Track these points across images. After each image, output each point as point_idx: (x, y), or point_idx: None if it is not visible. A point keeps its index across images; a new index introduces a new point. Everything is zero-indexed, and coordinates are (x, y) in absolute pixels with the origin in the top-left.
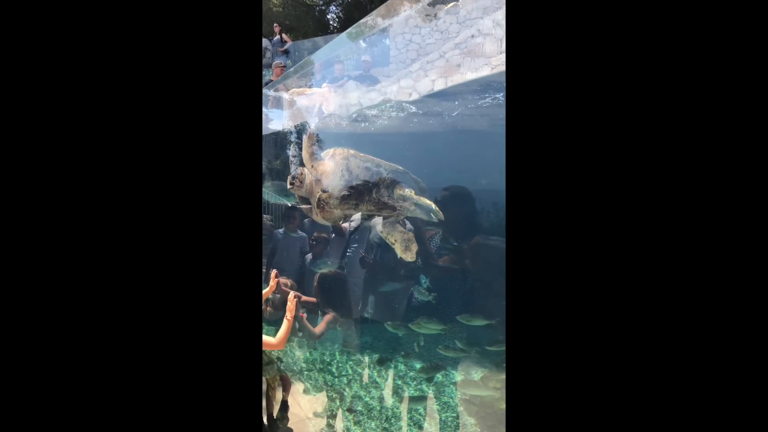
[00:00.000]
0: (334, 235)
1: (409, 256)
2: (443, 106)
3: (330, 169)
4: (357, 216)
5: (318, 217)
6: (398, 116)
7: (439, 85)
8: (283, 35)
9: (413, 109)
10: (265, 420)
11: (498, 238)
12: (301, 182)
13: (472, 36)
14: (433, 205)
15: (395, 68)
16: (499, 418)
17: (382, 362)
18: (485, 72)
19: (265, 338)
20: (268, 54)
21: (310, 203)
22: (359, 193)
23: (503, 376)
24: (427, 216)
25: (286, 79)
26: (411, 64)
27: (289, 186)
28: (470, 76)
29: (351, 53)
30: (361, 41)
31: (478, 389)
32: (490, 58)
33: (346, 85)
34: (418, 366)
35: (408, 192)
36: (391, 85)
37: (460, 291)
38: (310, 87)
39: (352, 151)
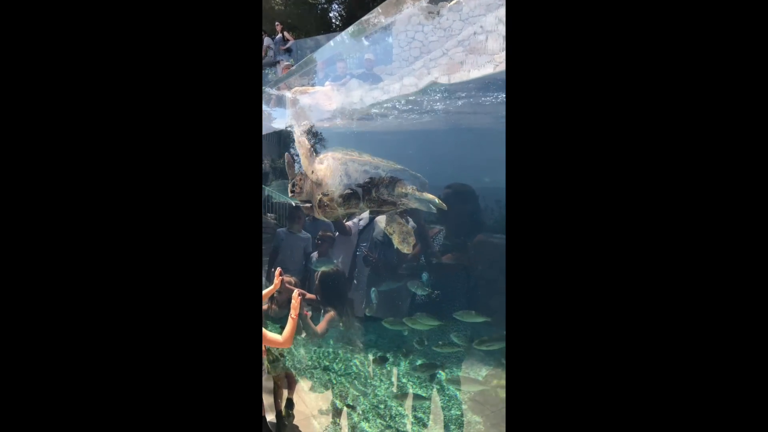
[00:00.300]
0: (337, 233)
1: (406, 248)
2: (446, 104)
3: (329, 174)
4: (365, 215)
5: (319, 215)
6: (407, 116)
7: (442, 83)
8: (285, 33)
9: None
10: (273, 417)
11: (501, 236)
12: (301, 188)
13: (475, 33)
14: (437, 199)
15: (398, 66)
16: (503, 416)
17: (381, 361)
18: (489, 69)
19: (273, 336)
20: (271, 53)
21: (310, 202)
22: (356, 194)
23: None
24: (427, 208)
25: (288, 77)
26: (414, 62)
27: (290, 194)
28: (474, 73)
29: (353, 51)
30: (363, 39)
31: (472, 385)
32: (494, 55)
33: (348, 83)
34: (416, 364)
35: (410, 189)
36: (394, 83)
37: (463, 289)
38: (312, 85)
39: (349, 155)
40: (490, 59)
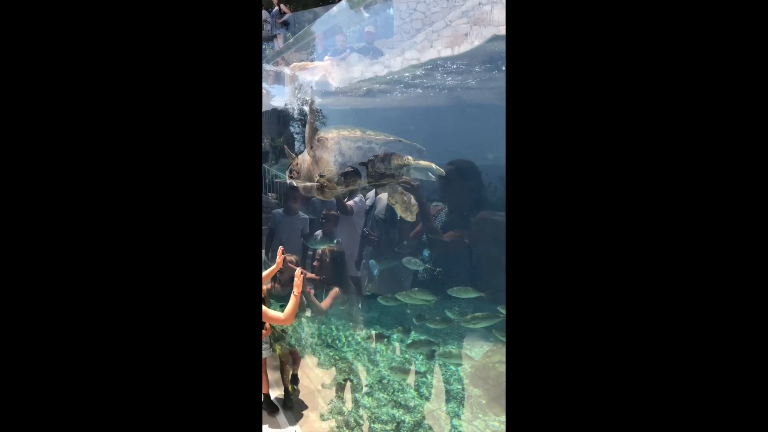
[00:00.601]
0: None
1: (409, 217)
2: (449, 78)
3: (324, 155)
4: (371, 194)
5: (320, 196)
6: (412, 92)
7: (446, 56)
8: (282, 6)
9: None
10: (280, 393)
11: (503, 214)
12: (298, 173)
13: (480, 3)
14: (433, 165)
15: (399, 39)
16: (503, 390)
17: (378, 338)
18: (493, 41)
19: (274, 313)
20: (268, 26)
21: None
22: (356, 172)
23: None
24: (426, 176)
25: (286, 51)
26: (416, 34)
27: (288, 180)
28: (478, 45)
29: (353, 24)
30: (363, 11)
31: (465, 360)
32: (499, 26)
33: (348, 57)
34: (408, 341)
35: (405, 159)
36: (396, 57)
37: (464, 266)
38: (311, 60)
39: (344, 132)
40: (495, 30)
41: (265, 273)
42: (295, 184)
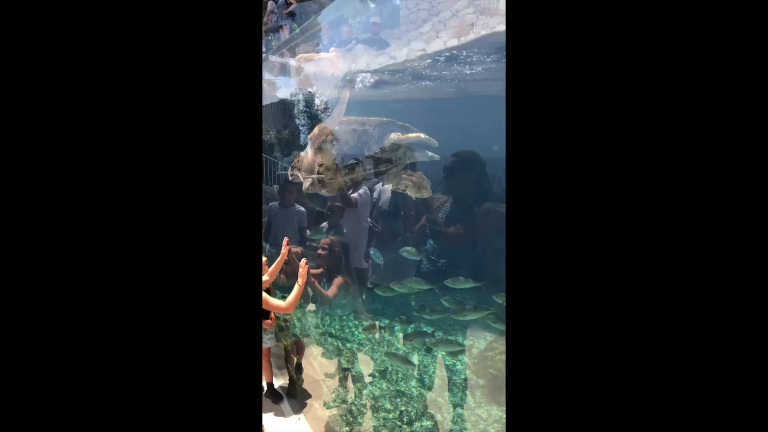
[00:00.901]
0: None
1: (425, 193)
2: (456, 69)
3: (325, 146)
4: (378, 186)
5: (323, 191)
6: (414, 82)
7: (452, 46)
8: None
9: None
10: (285, 382)
11: None
12: (300, 169)
13: None
14: (422, 135)
15: (405, 30)
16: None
17: (369, 329)
18: (500, 31)
19: (275, 301)
20: (274, 17)
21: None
22: (358, 162)
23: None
24: (427, 157)
25: (292, 42)
26: (422, 25)
27: (291, 177)
28: (484, 35)
29: (359, 14)
30: (369, 2)
31: (458, 348)
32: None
33: (354, 49)
34: (409, 330)
35: (395, 136)
36: (402, 48)
37: (468, 256)
38: (317, 52)
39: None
40: (502, 20)
41: (272, 266)
42: (300, 178)
